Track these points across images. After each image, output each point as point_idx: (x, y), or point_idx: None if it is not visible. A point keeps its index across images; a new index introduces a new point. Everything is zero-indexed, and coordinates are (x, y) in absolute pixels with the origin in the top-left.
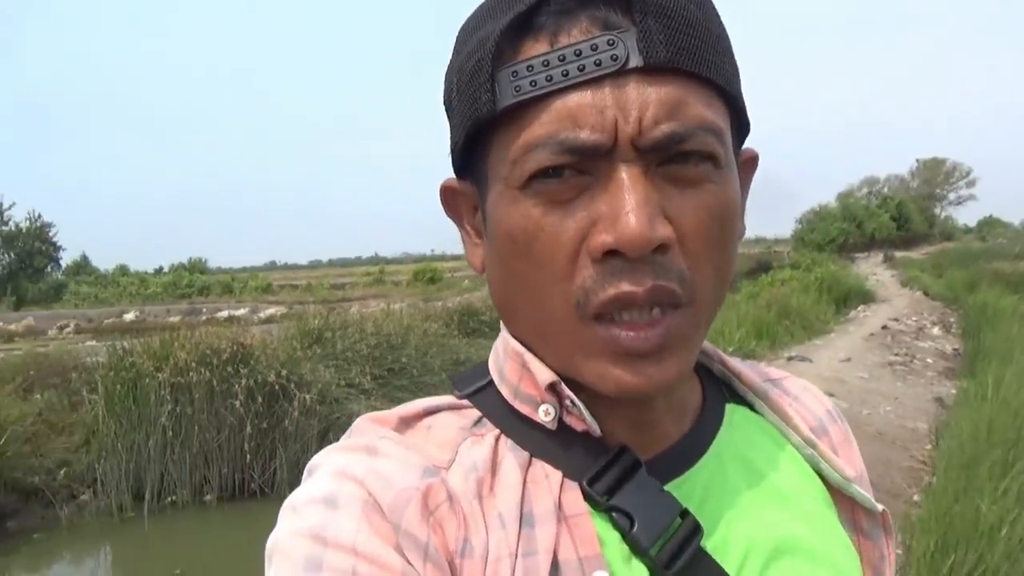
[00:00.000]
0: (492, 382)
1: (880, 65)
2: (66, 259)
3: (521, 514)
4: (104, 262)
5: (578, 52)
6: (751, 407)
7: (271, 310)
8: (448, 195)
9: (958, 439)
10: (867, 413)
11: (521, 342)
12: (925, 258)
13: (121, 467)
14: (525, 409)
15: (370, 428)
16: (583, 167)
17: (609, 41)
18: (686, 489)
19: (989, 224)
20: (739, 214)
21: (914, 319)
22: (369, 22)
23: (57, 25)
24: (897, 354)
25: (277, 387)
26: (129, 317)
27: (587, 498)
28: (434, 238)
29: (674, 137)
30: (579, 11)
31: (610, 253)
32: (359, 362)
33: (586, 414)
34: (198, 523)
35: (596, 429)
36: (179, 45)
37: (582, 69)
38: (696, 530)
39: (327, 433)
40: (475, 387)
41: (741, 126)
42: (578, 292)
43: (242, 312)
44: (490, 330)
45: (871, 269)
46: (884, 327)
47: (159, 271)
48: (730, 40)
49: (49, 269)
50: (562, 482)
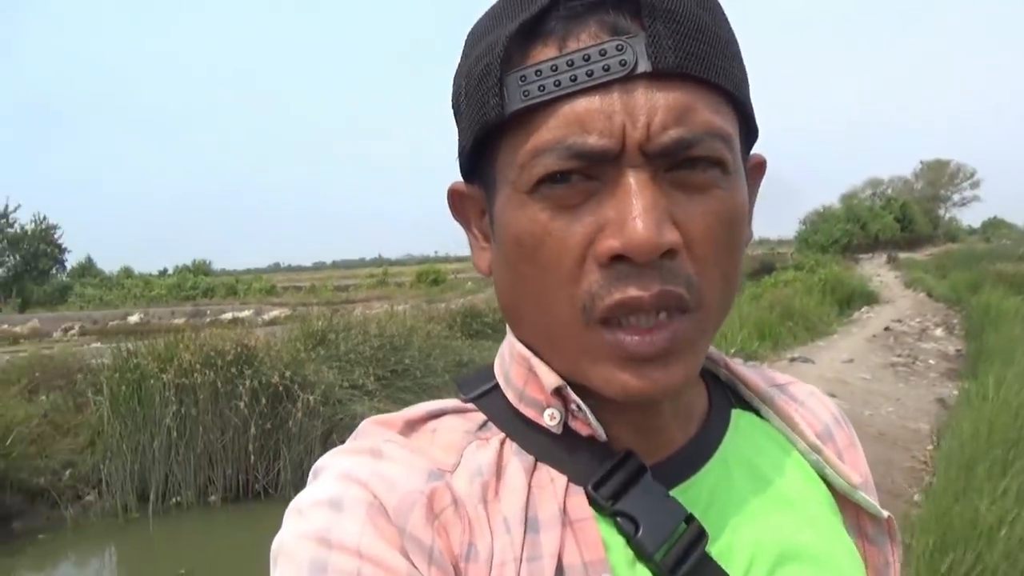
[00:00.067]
0: (497, 386)
1: (883, 64)
2: (71, 261)
3: (526, 518)
4: (109, 264)
5: (587, 57)
6: (757, 412)
7: (275, 312)
8: (456, 199)
9: (959, 439)
10: (869, 414)
11: (527, 346)
12: (929, 259)
13: (126, 468)
14: (530, 413)
15: (375, 431)
16: (591, 172)
17: (618, 46)
18: (691, 494)
19: (994, 225)
20: (747, 220)
21: (917, 320)
22: (369, 22)
23: (59, 25)
24: (900, 355)
25: (281, 388)
26: (134, 319)
27: (592, 503)
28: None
29: (682, 143)
30: (588, 16)
31: (617, 258)
32: (362, 363)
33: (591, 418)
34: (202, 524)
35: (601, 434)
36: (181, 45)
37: (590, 74)
38: (701, 535)
39: (330, 434)
40: (480, 391)
41: (749, 132)
42: (584, 296)
43: (246, 314)
44: (493, 332)
45: (875, 270)
46: (887, 328)
47: (163, 273)
48: (739, 45)
49: (54, 271)
50: (567, 487)
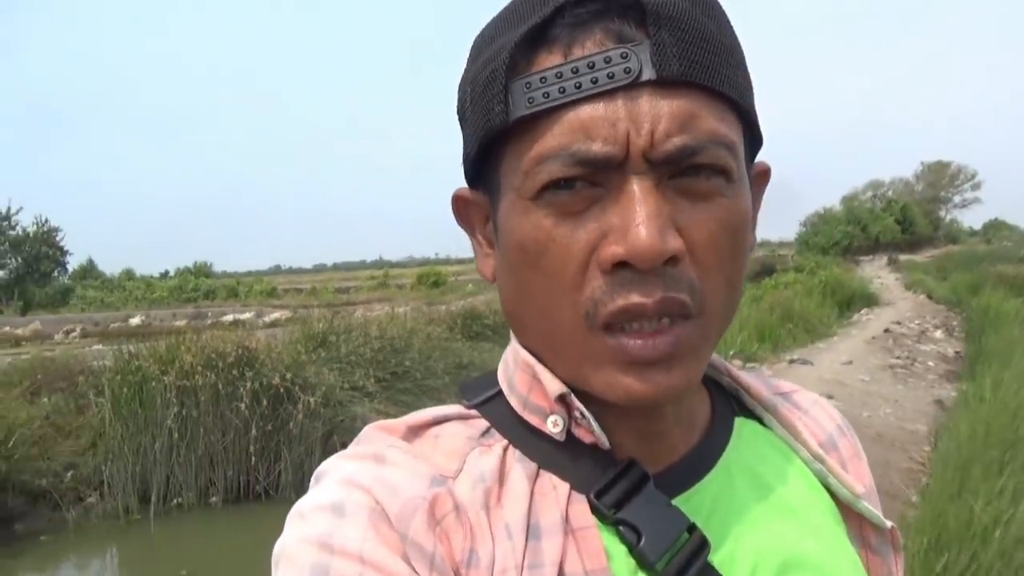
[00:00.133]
0: (501, 392)
1: (884, 64)
2: (72, 263)
3: (528, 526)
4: (110, 266)
5: (591, 64)
6: (760, 421)
7: (276, 314)
8: (460, 204)
9: (955, 440)
10: (867, 415)
11: (531, 352)
12: (929, 261)
13: (127, 470)
14: (534, 420)
15: (378, 436)
16: (595, 179)
17: (623, 54)
18: (694, 503)
19: (995, 227)
20: (750, 227)
21: (917, 322)
22: (369, 22)
23: (59, 25)
24: (898, 357)
25: (282, 390)
26: (135, 321)
27: (594, 511)
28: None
29: (686, 150)
30: (593, 23)
31: (620, 264)
32: (363, 365)
33: (595, 426)
34: (204, 525)
35: (605, 441)
36: (181, 45)
37: (595, 82)
38: (703, 545)
39: (331, 436)
40: (484, 397)
41: (754, 139)
42: (587, 303)
43: (247, 316)
44: (493, 334)
45: (875, 272)
46: (886, 330)
47: (165, 275)
48: (744, 53)
49: (56, 273)
50: (569, 494)
